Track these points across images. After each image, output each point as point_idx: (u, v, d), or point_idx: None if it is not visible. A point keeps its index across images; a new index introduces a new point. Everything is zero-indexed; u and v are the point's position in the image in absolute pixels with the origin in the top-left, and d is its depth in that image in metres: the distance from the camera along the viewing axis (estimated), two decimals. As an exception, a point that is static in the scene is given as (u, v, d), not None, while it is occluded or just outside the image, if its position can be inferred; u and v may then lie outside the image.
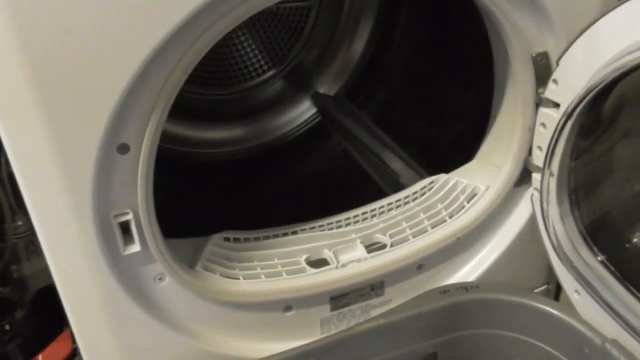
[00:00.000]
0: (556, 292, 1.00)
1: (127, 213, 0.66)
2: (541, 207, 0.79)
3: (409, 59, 1.30)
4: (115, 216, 0.66)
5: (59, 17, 0.55)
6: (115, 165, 0.63)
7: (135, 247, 0.68)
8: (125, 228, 0.67)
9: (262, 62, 1.31)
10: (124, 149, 0.63)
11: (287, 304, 0.82)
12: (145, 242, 0.68)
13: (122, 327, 0.73)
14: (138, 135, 0.63)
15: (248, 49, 1.28)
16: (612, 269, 0.75)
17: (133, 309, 0.71)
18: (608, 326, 0.75)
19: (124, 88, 0.59)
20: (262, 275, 0.80)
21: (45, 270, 0.68)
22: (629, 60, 0.58)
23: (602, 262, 0.75)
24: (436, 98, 1.21)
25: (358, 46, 1.34)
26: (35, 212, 0.63)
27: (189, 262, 0.77)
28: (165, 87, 0.62)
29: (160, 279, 0.72)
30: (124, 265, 0.69)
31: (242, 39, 1.27)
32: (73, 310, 0.70)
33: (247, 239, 0.84)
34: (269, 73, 1.32)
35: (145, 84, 0.60)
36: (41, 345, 1.03)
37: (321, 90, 1.36)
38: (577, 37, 0.67)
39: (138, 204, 0.65)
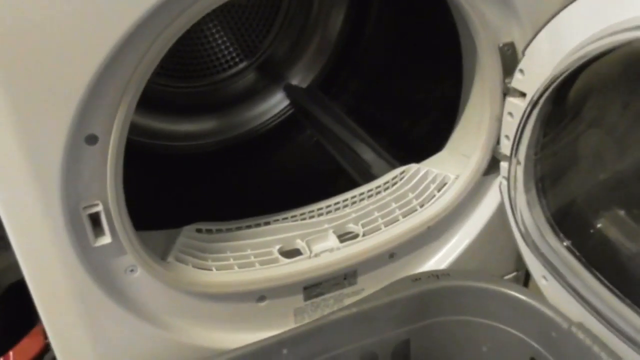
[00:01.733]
0: (525, 278, 1.02)
1: (96, 204, 0.65)
2: (509, 195, 0.80)
3: (381, 51, 1.31)
4: (85, 208, 0.65)
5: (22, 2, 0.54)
6: (83, 156, 0.62)
7: (106, 239, 0.67)
8: (95, 219, 0.66)
9: (234, 54, 1.30)
10: (92, 140, 0.62)
11: (260, 295, 0.82)
12: (116, 233, 0.67)
13: (94, 320, 0.72)
14: (106, 126, 0.62)
15: (219, 41, 1.27)
16: (578, 254, 0.77)
17: (104, 302, 0.71)
18: (574, 310, 0.77)
19: (91, 78, 0.58)
20: (235, 266, 0.80)
21: (15, 266, 0.67)
22: (590, 49, 0.60)
23: (567, 248, 0.77)
24: (408, 89, 1.22)
25: (330, 38, 1.35)
26: (2, 205, 0.62)
27: (161, 253, 0.77)
28: (133, 77, 0.61)
29: (131, 270, 0.72)
30: (95, 257, 0.68)
31: (214, 30, 1.26)
32: (43, 304, 0.69)
33: (219, 230, 0.84)
34: (241, 65, 1.32)
35: (113, 74, 0.60)
36: (12, 342, 1.02)
37: (294, 82, 1.36)
38: (542, 27, 0.69)
39: (108, 195, 0.65)
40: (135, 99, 0.63)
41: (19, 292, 0.77)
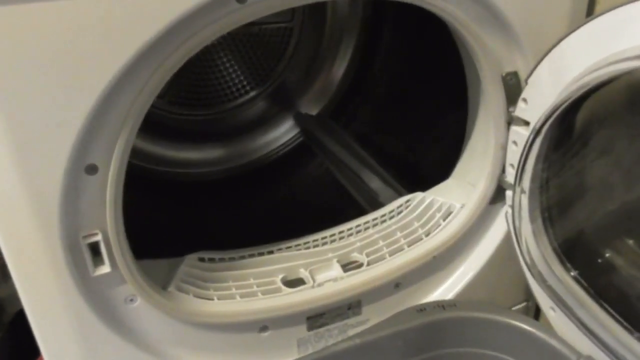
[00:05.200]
0: (536, 309, 1.00)
1: (96, 234, 0.65)
2: (514, 224, 0.79)
3: (391, 79, 1.31)
4: (84, 237, 0.65)
5: (23, 31, 0.54)
6: (83, 186, 0.63)
7: (105, 268, 0.67)
8: (94, 249, 0.66)
9: (245, 83, 1.31)
10: (92, 170, 0.62)
11: (262, 324, 0.82)
12: (115, 263, 0.67)
13: (94, 351, 0.72)
14: (106, 156, 0.62)
15: (230, 70, 1.29)
16: (585, 285, 0.75)
17: (104, 332, 0.71)
18: (583, 343, 0.75)
19: (91, 108, 0.58)
20: (237, 296, 0.79)
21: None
22: (591, 78, 0.59)
23: (575, 278, 0.75)
24: (417, 118, 1.22)
25: (340, 67, 1.36)
26: (1, 234, 0.62)
27: (162, 283, 0.76)
28: (133, 107, 0.61)
29: (131, 300, 0.71)
30: (94, 287, 0.68)
31: (225, 59, 1.27)
32: (42, 334, 0.69)
33: (222, 259, 0.83)
34: (252, 93, 1.33)
35: (113, 104, 0.60)
36: (18, 369, 1.02)
37: (304, 111, 1.36)
38: (544, 56, 0.68)
39: (107, 224, 0.65)
40: (135, 128, 0.63)
41: (27, 319, 0.77)
